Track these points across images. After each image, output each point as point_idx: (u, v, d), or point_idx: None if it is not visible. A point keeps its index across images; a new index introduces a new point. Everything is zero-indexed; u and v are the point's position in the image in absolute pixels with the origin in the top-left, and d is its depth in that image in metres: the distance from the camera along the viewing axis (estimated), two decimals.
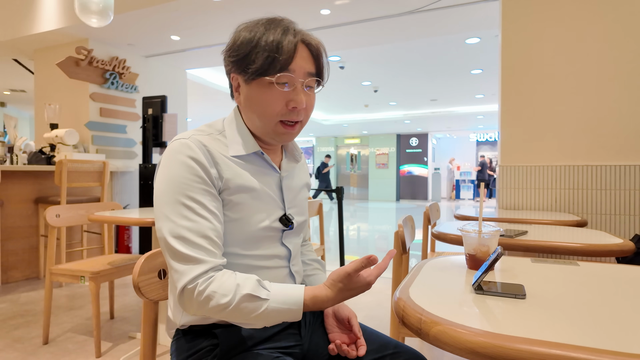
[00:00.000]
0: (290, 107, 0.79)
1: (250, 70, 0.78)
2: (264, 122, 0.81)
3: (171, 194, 0.73)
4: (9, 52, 4.82)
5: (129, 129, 4.58)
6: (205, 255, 0.71)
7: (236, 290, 0.69)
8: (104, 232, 2.62)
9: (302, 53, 0.80)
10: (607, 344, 0.49)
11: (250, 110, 0.82)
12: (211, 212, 0.75)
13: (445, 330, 0.54)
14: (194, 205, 0.73)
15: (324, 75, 0.85)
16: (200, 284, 0.69)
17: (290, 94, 0.79)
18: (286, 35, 0.78)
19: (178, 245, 0.71)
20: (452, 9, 3.41)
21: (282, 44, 0.77)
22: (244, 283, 0.70)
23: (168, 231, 0.72)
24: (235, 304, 0.69)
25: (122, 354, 1.99)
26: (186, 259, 0.70)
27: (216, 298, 0.69)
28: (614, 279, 0.80)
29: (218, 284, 0.70)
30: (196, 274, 0.70)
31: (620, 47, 2.18)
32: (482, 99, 9.33)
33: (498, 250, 0.71)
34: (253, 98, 0.80)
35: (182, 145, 0.76)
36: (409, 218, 1.58)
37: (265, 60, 0.76)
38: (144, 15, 3.56)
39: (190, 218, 0.72)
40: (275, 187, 0.86)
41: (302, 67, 0.79)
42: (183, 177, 0.74)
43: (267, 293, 0.71)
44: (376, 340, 0.88)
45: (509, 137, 2.42)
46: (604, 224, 2.23)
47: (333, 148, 16.20)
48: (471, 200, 14.50)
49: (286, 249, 0.87)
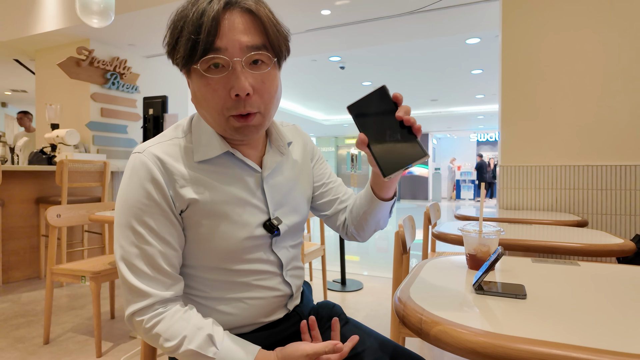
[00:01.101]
0: (233, 95, 0.64)
1: (177, 60, 0.65)
2: (214, 119, 0.68)
3: (123, 217, 0.68)
4: (10, 53, 4.83)
5: (129, 129, 4.58)
6: (151, 287, 0.66)
7: (182, 341, 0.65)
8: (105, 232, 2.63)
9: (232, 22, 0.63)
10: (608, 344, 0.49)
11: (199, 108, 0.70)
12: (162, 239, 0.68)
13: (446, 330, 0.54)
14: (143, 232, 0.67)
15: (275, 45, 0.66)
16: (147, 321, 0.66)
17: (228, 79, 0.64)
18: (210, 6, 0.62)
19: (125, 272, 0.67)
20: (452, 9, 3.41)
21: (201, 20, 0.61)
22: (192, 335, 0.66)
23: (118, 256, 0.68)
24: (180, 354, 0.65)
25: (122, 354, 1.99)
26: (132, 289, 0.66)
27: (161, 341, 0.66)
28: (615, 279, 0.80)
29: (165, 327, 0.66)
30: (140, 307, 0.66)
31: (621, 47, 2.18)
32: (483, 99, 9.33)
33: (498, 250, 0.71)
34: (195, 93, 0.68)
35: (138, 161, 0.68)
36: (409, 218, 1.58)
37: (186, 44, 0.62)
38: (144, 16, 3.57)
39: (139, 245, 0.67)
40: (256, 189, 0.75)
41: (235, 40, 0.62)
42: (136, 200, 0.67)
43: (215, 352, 0.65)
44: (375, 341, 0.86)
45: (510, 137, 2.42)
46: (604, 224, 2.23)
47: (333, 148, 16.20)
48: (472, 201, 14.49)
49: (276, 257, 0.78)
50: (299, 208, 0.83)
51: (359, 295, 2.94)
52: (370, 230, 0.88)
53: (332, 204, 0.92)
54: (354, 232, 0.90)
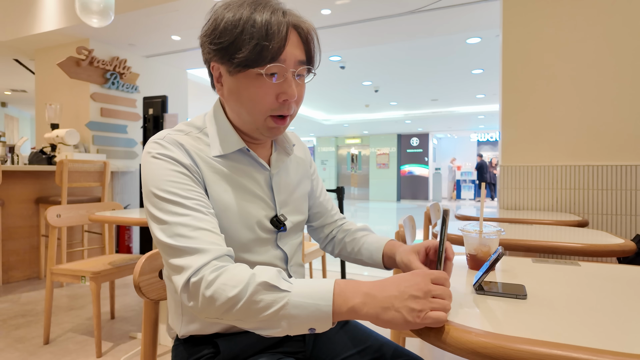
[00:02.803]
0: (281, 100, 0.72)
1: (236, 60, 0.69)
2: (254, 117, 0.73)
3: (152, 193, 0.67)
4: (9, 52, 4.82)
5: (129, 129, 4.58)
6: (209, 245, 0.63)
7: (249, 280, 0.58)
8: (105, 232, 2.63)
9: (292, 39, 0.71)
10: (608, 344, 0.49)
11: (238, 105, 0.74)
12: (201, 204, 0.68)
13: (446, 330, 0.54)
14: (180, 201, 0.66)
15: (314, 63, 0.76)
16: (209, 274, 0.59)
17: (281, 85, 0.71)
18: (276, 18, 0.68)
19: (175, 242, 0.63)
20: (452, 9, 3.40)
21: (272, 30, 0.67)
22: (260, 272, 0.60)
23: (160, 231, 0.65)
24: (249, 295, 0.57)
25: (122, 354, 1.99)
26: (186, 251, 0.62)
27: (225, 292, 0.58)
28: (615, 279, 0.80)
29: (230, 275, 0.59)
30: (201, 263, 0.61)
31: (621, 47, 2.18)
32: (483, 99, 9.32)
33: (499, 250, 0.71)
34: (240, 91, 0.72)
35: (155, 145, 0.71)
36: (409, 218, 1.58)
37: (253, 49, 0.67)
38: (144, 15, 3.57)
39: (181, 213, 0.65)
40: (265, 186, 0.80)
41: (292, 55, 0.71)
42: (161, 174, 0.68)
43: (289, 285, 0.58)
44: (375, 342, 0.86)
45: (510, 137, 2.42)
46: (605, 224, 2.23)
47: (334, 148, 16.20)
48: (472, 201, 14.50)
49: (282, 251, 0.82)
50: (301, 208, 0.88)
51: None
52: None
53: (319, 217, 0.99)
54: (335, 253, 0.99)
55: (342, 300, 0.57)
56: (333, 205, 1.02)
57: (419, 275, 0.58)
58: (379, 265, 0.88)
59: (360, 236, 0.94)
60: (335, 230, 1.00)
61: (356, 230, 0.96)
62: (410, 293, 0.55)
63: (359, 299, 0.57)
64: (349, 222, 1.01)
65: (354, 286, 0.58)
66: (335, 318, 0.57)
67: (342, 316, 0.57)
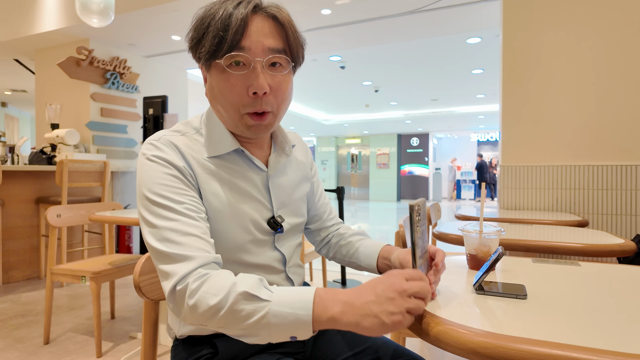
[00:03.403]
0: (250, 93, 0.68)
1: (200, 55, 0.68)
2: (229, 114, 0.71)
3: (144, 195, 0.67)
4: (10, 52, 4.83)
5: (129, 129, 4.58)
6: (195, 252, 0.62)
7: (231, 289, 0.58)
8: (105, 232, 2.63)
9: (257, 25, 0.67)
10: (608, 344, 0.49)
11: (215, 102, 0.73)
12: (191, 209, 0.67)
13: (446, 330, 0.54)
14: (171, 205, 0.65)
15: (294, 51, 0.71)
16: (192, 282, 0.60)
17: (248, 77, 0.68)
18: (237, 7, 0.66)
19: (162, 247, 0.63)
20: (453, 9, 3.40)
21: (229, 19, 0.65)
22: (242, 281, 0.60)
23: (150, 235, 0.65)
24: (229, 305, 0.57)
25: (122, 354, 1.99)
26: (173, 258, 0.62)
27: (207, 299, 0.58)
28: (616, 279, 0.80)
29: (212, 282, 0.59)
30: (186, 271, 0.60)
31: (622, 46, 2.17)
32: (483, 99, 9.32)
33: (499, 250, 0.71)
34: (213, 88, 0.71)
35: (150, 146, 0.70)
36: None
37: (212, 40, 0.66)
38: (144, 16, 3.57)
39: (170, 218, 0.65)
40: (262, 187, 0.78)
41: (259, 42, 0.67)
42: (154, 177, 0.67)
43: (269, 294, 0.58)
44: (375, 342, 0.86)
45: (510, 137, 2.42)
46: (605, 224, 2.23)
47: (334, 148, 16.20)
48: (472, 201, 14.50)
49: (279, 253, 0.81)
50: (300, 210, 0.87)
51: None
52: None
53: (317, 220, 0.98)
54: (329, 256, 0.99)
55: (322, 310, 0.57)
56: (332, 210, 1.00)
57: (393, 275, 0.59)
58: (372, 269, 0.88)
59: (356, 240, 0.93)
60: (331, 235, 0.99)
61: (352, 234, 0.96)
62: (387, 296, 0.56)
63: (338, 308, 0.57)
64: (345, 226, 1.01)
65: (333, 294, 0.58)
66: (316, 327, 0.57)
67: (323, 325, 0.57)
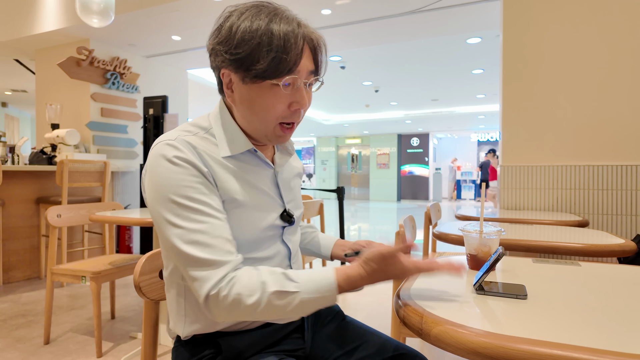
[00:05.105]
0: (293, 108, 0.74)
1: (254, 72, 0.69)
2: (265, 124, 0.75)
3: (169, 198, 0.67)
4: (10, 52, 4.83)
5: (130, 129, 4.58)
6: (225, 256, 0.66)
7: (263, 289, 0.65)
8: (105, 232, 2.63)
9: (306, 51, 0.73)
10: (608, 344, 0.49)
11: (249, 112, 0.75)
12: (218, 210, 0.70)
13: (447, 330, 0.54)
14: (198, 207, 0.67)
15: (321, 72, 0.78)
16: (223, 288, 0.64)
17: (293, 95, 0.73)
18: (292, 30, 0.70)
19: (193, 251, 0.65)
20: (453, 9, 3.40)
21: (289, 42, 0.69)
22: (268, 280, 0.66)
23: (177, 238, 0.66)
24: (265, 303, 0.64)
25: (123, 354, 1.99)
26: (205, 263, 0.65)
27: (244, 300, 0.64)
28: (616, 280, 0.80)
29: (241, 285, 0.65)
30: (218, 277, 0.65)
31: (622, 47, 2.17)
32: (484, 99, 9.32)
33: (499, 250, 0.71)
34: (253, 99, 0.73)
35: (170, 148, 0.70)
36: (410, 218, 1.58)
37: (272, 61, 0.68)
38: (144, 16, 3.57)
39: (199, 220, 0.67)
40: (271, 184, 0.82)
41: (305, 66, 0.73)
42: (179, 179, 0.68)
43: (296, 285, 0.66)
44: (377, 340, 0.87)
45: (511, 137, 2.42)
46: (605, 224, 2.23)
47: (334, 148, 16.19)
48: (472, 201, 14.49)
49: (286, 247, 0.84)
50: (300, 202, 0.92)
51: (359, 295, 2.94)
52: None
53: None
54: None
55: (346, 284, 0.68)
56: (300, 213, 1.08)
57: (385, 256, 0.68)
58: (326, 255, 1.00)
59: (310, 231, 1.04)
60: None
61: (305, 227, 1.06)
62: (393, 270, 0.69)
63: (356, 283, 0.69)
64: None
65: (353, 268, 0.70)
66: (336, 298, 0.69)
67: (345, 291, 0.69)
